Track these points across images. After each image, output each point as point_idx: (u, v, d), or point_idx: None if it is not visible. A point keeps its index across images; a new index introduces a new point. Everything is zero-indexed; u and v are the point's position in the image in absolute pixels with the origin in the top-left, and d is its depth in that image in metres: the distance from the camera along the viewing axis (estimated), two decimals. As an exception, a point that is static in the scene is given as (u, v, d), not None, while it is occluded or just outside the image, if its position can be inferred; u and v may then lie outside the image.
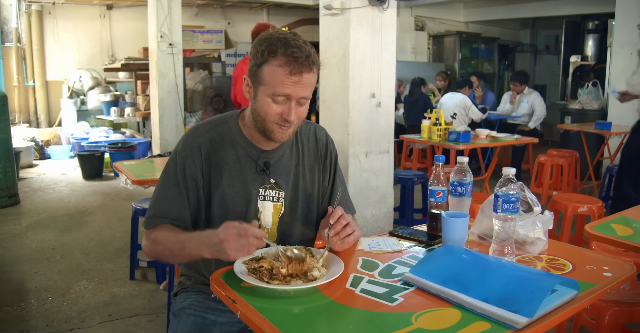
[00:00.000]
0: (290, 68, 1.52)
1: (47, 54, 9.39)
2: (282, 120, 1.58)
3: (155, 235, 1.63)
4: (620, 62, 6.56)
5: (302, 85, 1.54)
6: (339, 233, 1.58)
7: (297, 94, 1.55)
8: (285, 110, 1.57)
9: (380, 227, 4.08)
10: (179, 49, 7.23)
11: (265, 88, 1.56)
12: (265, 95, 1.57)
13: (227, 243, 1.41)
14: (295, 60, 1.51)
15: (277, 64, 1.53)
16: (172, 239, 1.58)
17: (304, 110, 1.62)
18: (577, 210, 3.55)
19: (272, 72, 1.54)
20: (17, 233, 4.79)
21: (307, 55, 1.53)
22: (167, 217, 1.65)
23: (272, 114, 1.58)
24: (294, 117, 1.57)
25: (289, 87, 1.53)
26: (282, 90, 1.54)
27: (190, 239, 1.54)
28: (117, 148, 7.48)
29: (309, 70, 1.54)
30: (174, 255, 1.59)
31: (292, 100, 1.56)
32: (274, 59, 1.53)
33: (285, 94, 1.54)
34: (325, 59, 3.93)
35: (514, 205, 1.54)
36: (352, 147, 3.85)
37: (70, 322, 3.15)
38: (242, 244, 1.41)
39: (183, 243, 1.54)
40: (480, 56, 11.78)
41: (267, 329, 1.17)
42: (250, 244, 1.41)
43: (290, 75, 1.52)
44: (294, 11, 11.00)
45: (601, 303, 2.10)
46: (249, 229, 1.42)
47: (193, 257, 1.54)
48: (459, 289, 1.32)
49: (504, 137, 4.86)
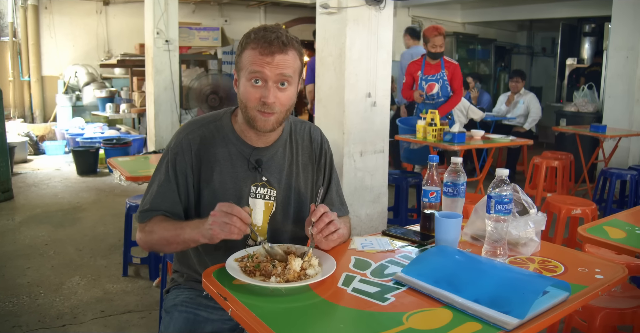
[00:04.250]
0: (261, 48, 1.55)
1: (42, 49, 9.34)
2: (262, 104, 1.58)
3: (151, 227, 1.65)
4: (616, 65, 6.57)
5: (276, 65, 1.56)
6: (322, 231, 1.56)
7: (272, 73, 1.56)
8: (263, 93, 1.57)
9: (374, 227, 4.08)
10: (175, 45, 7.21)
11: (244, 72, 1.59)
12: (245, 79, 1.59)
13: (214, 218, 1.45)
14: (265, 39, 1.55)
15: (251, 48, 1.57)
16: (169, 227, 1.61)
17: (285, 97, 1.61)
18: (571, 212, 3.56)
19: (248, 55, 1.58)
20: (10, 229, 4.78)
21: (277, 36, 1.56)
22: (160, 210, 1.67)
23: (252, 99, 1.59)
24: (272, 98, 1.57)
25: (262, 66, 1.55)
26: (255, 68, 1.56)
27: (187, 225, 1.57)
28: (112, 144, 7.46)
29: (280, 50, 1.56)
30: (169, 243, 1.61)
31: (268, 82, 1.57)
32: (248, 43, 1.58)
33: (258, 71, 1.56)
34: (321, 57, 3.93)
35: (506, 207, 1.54)
36: (347, 147, 3.85)
37: (63, 318, 3.14)
38: (226, 222, 1.43)
39: (179, 230, 1.57)
40: (476, 57, 11.80)
41: (258, 327, 1.17)
42: (234, 224, 1.43)
43: (261, 55, 1.55)
44: (291, 9, 10.99)
45: (593, 306, 2.11)
46: (235, 208, 1.44)
47: (187, 242, 1.57)
48: (450, 289, 1.32)
49: (499, 138, 4.87)
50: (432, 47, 5.10)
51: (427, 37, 5.11)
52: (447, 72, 5.17)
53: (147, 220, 1.67)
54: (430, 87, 5.20)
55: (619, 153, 6.21)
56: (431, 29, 5.11)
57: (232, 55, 10.21)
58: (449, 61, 5.24)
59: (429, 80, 5.23)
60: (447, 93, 5.22)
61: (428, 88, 5.22)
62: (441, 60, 5.19)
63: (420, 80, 5.28)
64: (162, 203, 1.67)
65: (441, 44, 5.10)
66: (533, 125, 7.47)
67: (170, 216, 1.68)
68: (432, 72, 5.22)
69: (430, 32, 5.09)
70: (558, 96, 10.46)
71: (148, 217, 1.67)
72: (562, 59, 10.22)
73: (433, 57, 5.17)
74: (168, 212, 1.68)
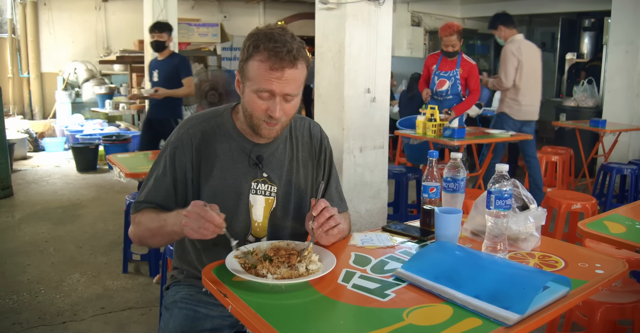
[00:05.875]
0: (271, 63, 1.50)
1: (42, 46, 9.33)
2: (267, 116, 1.57)
3: (139, 218, 1.65)
4: (615, 59, 6.56)
5: (285, 80, 1.52)
6: (322, 226, 1.56)
7: (281, 90, 1.53)
8: (270, 107, 1.55)
9: (374, 223, 4.08)
10: (175, 42, 7.19)
11: (251, 84, 1.56)
12: (251, 90, 1.56)
13: (186, 219, 1.43)
14: (276, 55, 1.49)
15: (260, 59, 1.52)
16: (154, 218, 1.61)
17: (291, 107, 1.60)
18: (571, 207, 3.56)
19: (256, 67, 1.53)
20: (10, 226, 4.78)
21: (288, 50, 1.50)
22: (153, 202, 1.67)
23: (258, 110, 1.57)
24: (279, 113, 1.56)
25: (271, 83, 1.52)
26: (264, 86, 1.52)
27: (169, 217, 1.56)
28: (111, 141, 7.45)
29: (291, 65, 1.51)
30: (154, 235, 1.61)
31: (276, 96, 1.55)
32: (257, 53, 1.52)
33: (268, 90, 1.53)
34: (320, 53, 3.92)
35: (506, 202, 1.54)
36: (347, 142, 3.84)
37: (63, 314, 3.14)
38: (199, 226, 1.42)
39: (162, 222, 1.56)
40: (476, 52, 11.78)
41: (258, 323, 1.17)
42: (206, 229, 1.42)
43: (271, 70, 1.51)
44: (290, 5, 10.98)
45: (593, 301, 2.10)
46: (208, 214, 1.42)
47: (170, 235, 1.57)
48: (450, 285, 1.32)
49: (499, 133, 4.86)
50: (445, 47, 5.04)
51: (441, 37, 5.07)
52: (461, 71, 5.12)
53: (137, 212, 1.67)
54: (441, 83, 5.17)
55: (619, 148, 6.20)
56: (445, 28, 5.04)
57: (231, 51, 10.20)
58: (466, 60, 5.15)
59: (441, 76, 5.18)
60: (457, 91, 5.17)
61: (439, 84, 5.18)
62: (458, 58, 5.14)
63: (433, 74, 5.24)
64: (156, 196, 1.67)
65: (454, 44, 5.01)
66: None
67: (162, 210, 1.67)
68: (446, 69, 5.17)
69: (443, 31, 5.02)
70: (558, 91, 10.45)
71: (138, 209, 1.68)
72: (561, 54, 10.21)
73: (448, 56, 5.12)
74: (161, 205, 1.67)
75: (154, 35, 5.13)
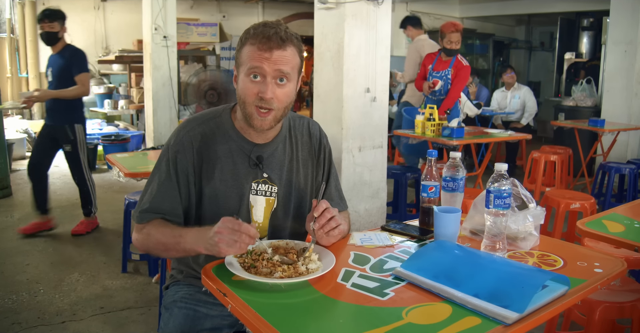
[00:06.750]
0: (260, 44, 1.55)
1: (40, 46, 9.27)
2: (259, 99, 1.57)
3: (149, 230, 1.62)
4: (614, 59, 6.57)
5: (274, 61, 1.55)
6: (323, 227, 1.57)
7: (270, 68, 1.55)
8: (261, 88, 1.56)
9: (373, 222, 4.08)
10: (174, 41, 7.19)
11: (243, 68, 1.59)
12: (244, 74, 1.59)
13: (220, 236, 1.41)
14: (263, 35, 1.54)
15: (250, 43, 1.57)
16: (167, 233, 1.58)
17: (283, 93, 1.60)
18: (570, 206, 3.56)
19: (247, 51, 1.57)
20: (9, 226, 4.77)
21: (276, 32, 1.55)
22: (160, 212, 1.65)
23: (250, 94, 1.58)
24: (270, 94, 1.56)
25: (261, 62, 1.55)
26: (254, 63, 1.55)
27: (186, 234, 1.54)
28: (110, 140, 7.44)
29: (278, 46, 1.55)
30: (167, 249, 1.59)
31: (267, 77, 1.56)
32: (247, 39, 1.58)
33: (257, 66, 1.55)
34: (319, 53, 3.92)
35: (505, 201, 1.54)
36: (346, 142, 3.85)
37: (62, 314, 3.14)
38: (235, 239, 1.40)
39: (179, 238, 1.54)
40: (475, 52, 11.78)
41: (257, 323, 1.17)
42: (242, 241, 1.41)
43: (260, 51, 1.55)
44: (289, 5, 10.97)
45: (592, 299, 2.11)
46: (243, 226, 1.41)
47: (188, 252, 1.54)
48: (450, 284, 1.32)
49: (498, 133, 4.86)
50: (448, 43, 5.08)
51: (444, 33, 5.10)
52: (452, 71, 5.15)
53: (146, 222, 1.64)
54: (434, 83, 5.21)
55: (618, 147, 6.21)
56: (449, 25, 5.10)
57: (230, 50, 10.19)
58: (460, 61, 5.18)
59: (434, 75, 5.22)
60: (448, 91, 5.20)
61: (432, 83, 5.22)
62: (453, 59, 5.17)
63: (429, 74, 5.28)
64: (162, 203, 1.65)
65: (457, 41, 5.07)
66: (530, 120, 7.48)
67: (170, 219, 1.65)
68: (439, 69, 5.21)
69: (448, 27, 5.08)
70: (556, 90, 10.46)
71: (146, 219, 1.64)
72: (560, 54, 10.22)
73: (447, 54, 5.15)
74: (168, 213, 1.65)
75: (44, 25, 4.40)
